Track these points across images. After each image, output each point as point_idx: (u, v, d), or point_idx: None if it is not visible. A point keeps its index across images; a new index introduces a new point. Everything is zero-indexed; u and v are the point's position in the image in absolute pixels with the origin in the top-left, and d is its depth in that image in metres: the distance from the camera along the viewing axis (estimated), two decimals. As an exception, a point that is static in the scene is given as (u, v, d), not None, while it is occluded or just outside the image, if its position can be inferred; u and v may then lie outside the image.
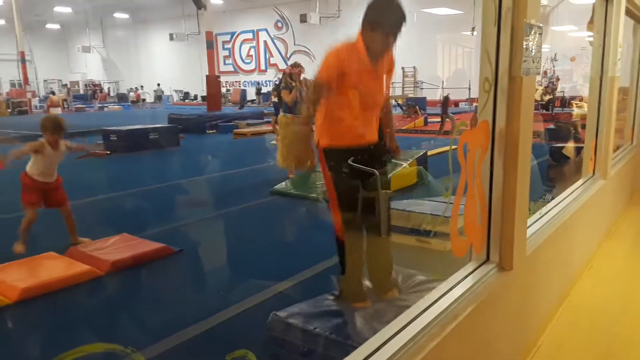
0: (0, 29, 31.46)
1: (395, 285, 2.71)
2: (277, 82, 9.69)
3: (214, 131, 14.52)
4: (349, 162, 2.44)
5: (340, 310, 2.64)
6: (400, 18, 2.43)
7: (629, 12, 4.24)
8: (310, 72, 7.03)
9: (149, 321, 3.12)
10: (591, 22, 3.97)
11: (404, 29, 2.44)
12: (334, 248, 3.90)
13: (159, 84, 31.43)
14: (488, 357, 2.11)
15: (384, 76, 2.55)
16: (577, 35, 17.56)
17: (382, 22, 2.39)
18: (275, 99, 8.83)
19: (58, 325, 3.12)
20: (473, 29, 17.16)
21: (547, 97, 16.20)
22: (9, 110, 23.98)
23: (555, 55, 18.16)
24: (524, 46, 1.97)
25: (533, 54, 2.06)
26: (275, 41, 29.30)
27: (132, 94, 29.73)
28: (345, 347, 2.11)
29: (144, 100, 28.95)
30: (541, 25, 2.13)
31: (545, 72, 17.52)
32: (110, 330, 2.93)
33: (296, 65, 7.00)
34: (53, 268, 3.75)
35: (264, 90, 26.88)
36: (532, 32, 2.02)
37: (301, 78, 6.81)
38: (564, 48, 18.28)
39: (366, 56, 2.40)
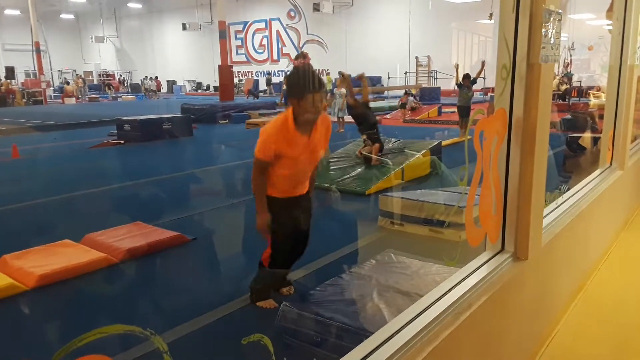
0: (15, 19, 31.73)
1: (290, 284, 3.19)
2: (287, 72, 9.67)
3: (227, 121, 14.55)
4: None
5: (352, 298, 2.65)
6: (319, 81, 2.63)
7: (649, -1, 4.13)
8: (322, 62, 7.02)
9: (164, 307, 3.16)
10: (610, 9, 3.88)
11: (322, 93, 2.65)
12: (345, 238, 3.94)
13: (154, 77, 31.43)
14: (502, 347, 2.10)
15: (320, 140, 2.80)
16: (595, 23, 17.24)
17: (303, 89, 2.57)
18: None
19: (75, 311, 3.17)
20: (491, 15, 16.90)
21: (564, 87, 15.95)
22: (24, 100, 24.25)
23: (573, 44, 17.84)
24: (543, 32, 1.93)
25: (552, 40, 2.02)
26: (288, 30, 29.18)
27: (150, 82, 29.88)
28: (358, 336, 2.11)
29: (154, 91, 29.07)
30: (560, 11, 2.09)
31: (567, 65, 17.26)
32: (127, 316, 2.97)
33: (300, 56, 6.94)
34: (69, 255, 3.80)
35: (275, 80, 26.82)
36: (551, 18, 1.98)
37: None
38: (581, 37, 17.96)
39: (295, 130, 2.64)
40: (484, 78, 18.98)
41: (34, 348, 2.67)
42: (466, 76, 9.80)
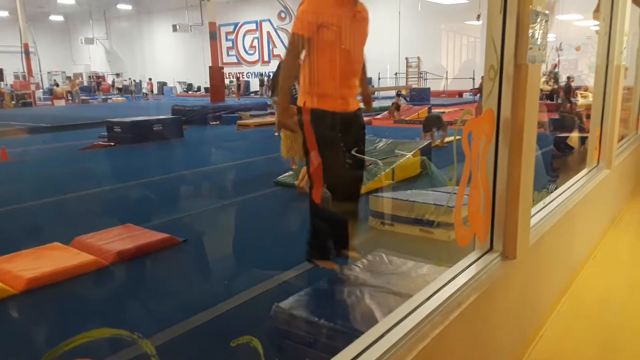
0: (3, 21, 31.42)
1: (354, 249, 2.68)
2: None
3: (218, 122, 14.52)
4: (353, 152, 2.41)
5: (343, 299, 2.65)
6: None
7: (635, 0, 4.19)
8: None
9: (154, 310, 3.15)
10: (597, 10, 3.93)
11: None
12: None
13: (149, 79, 31.28)
14: (491, 345, 2.12)
15: (362, 16, 2.45)
16: (582, 24, 17.41)
17: None
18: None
19: (64, 314, 3.14)
20: (479, 16, 17.02)
21: (548, 87, 16.09)
22: (13, 102, 24.02)
23: (561, 44, 18.01)
24: (530, 33, 1.95)
25: (539, 41, 2.04)
26: (279, 32, 29.17)
27: (145, 84, 29.79)
28: (349, 336, 2.12)
29: (145, 94, 28.95)
30: (547, 12, 2.11)
31: (555, 66, 17.40)
32: (116, 319, 2.95)
33: None
34: (58, 258, 3.77)
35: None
36: (538, 19, 2.01)
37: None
38: (569, 37, 18.13)
39: None
40: (473, 79, 19.15)
41: (21, 352, 2.65)
42: None
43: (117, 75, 30.48)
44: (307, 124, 2.35)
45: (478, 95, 18.10)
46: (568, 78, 13.98)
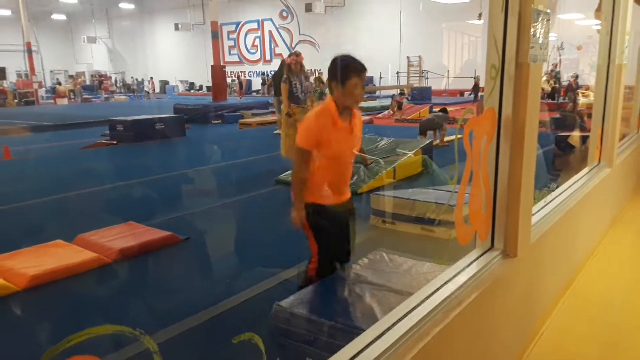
0: (6, 20, 31.46)
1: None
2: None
3: (220, 121, 14.53)
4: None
5: (344, 297, 2.66)
6: (361, 66, 2.57)
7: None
8: (314, 63, 7.03)
9: (156, 307, 3.16)
10: (599, 9, 3.93)
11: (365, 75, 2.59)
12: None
13: (150, 77, 31.27)
14: (492, 343, 2.13)
15: (357, 128, 2.72)
16: (584, 23, 17.36)
17: (348, 72, 2.52)
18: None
19: (67, 311, 3.16)
20: (480, 15, 17.00)
21: (548, 86, 16.06)
22: (16, 101, 24.07)
23: (562, 43, 17.97)
24: (531, 32, 1.95)
25: (540, 40, 2.04)
26: (280, 31, 29.17)
27: (147, 83, 29.84)
28: (350, 335, 2.12)
29: (147, 92, 28.99)
30: (549, 11, 2.11)
31: (555, 65, 17.37)
32: (119, 316, 2.96)
33: (293, 54, 6.93)
34: (61, 256, 3.79)
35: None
36: (540, 18, 2.01)
37: (300, 67, 6.73)
38: (570, 36, 18.09)
39: (337, 113, 2.57)
40: (474, 78, 19.13)
41: (24, 348, 2.66)
42: None
43: (151, 78, 30.60)
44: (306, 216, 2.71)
45: (471, 94, 18.10)
46: (574, 76, 13.92)
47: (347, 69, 2.54)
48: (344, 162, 2.72)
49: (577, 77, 14.52)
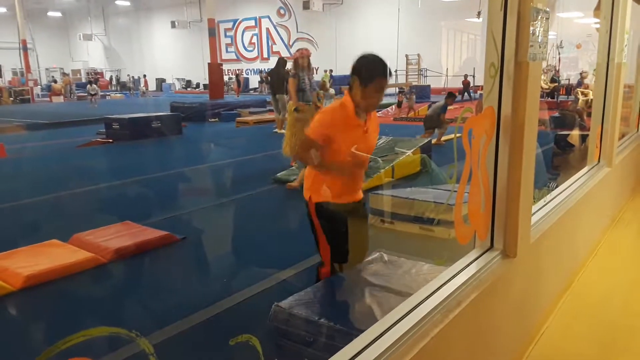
0: (1, 17, 31.36)
1: None
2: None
3: (217, 119, 14.49)
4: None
5: (343, 298, 2.64)
6: (386, 69, 2.49)
7: (636, -2, 4.18)
8: (312, 60, 6.98)
9: (152, 308, 3.13)
10: (598, 8, 3.91)
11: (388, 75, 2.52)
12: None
13: (143, 75, 31.13)
14: (491, 344, 2.11)
15: (372, 131, 2.67)
16: (583, 22, 17.39)
17: (374, 73, 2.45)
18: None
19: (63, 312, 3.13)
20: (479, 13, 16.99)
21: (545, 82, 16.05)
22: (11, 98, 23.98)
23: (561, 42, 17.99)
24: (531, 31, 1.94)
25: (540, 39, 2.02)
26: (278, 28, 29.12)
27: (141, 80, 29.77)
28: (349, 336, 2.11)
29: (144, 91, 28.91)
30: (548, 9, 2.09)
31: (557, 71, 17.37)
32: (114, 317, 2.94)
33: (303, 49, 6.85)
34: (56, 256, 3.76)
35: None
36: (539, 17, 1.99)
37: (307, 62, 6.64)
38: (569, 35, 18.10)
39: (354, 113, 2.50)
40: (474, 76, 19.12)
41: (19, 350, 2.64)
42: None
43: (144, 75, 30.45)
44: (314, 215, 2.63)
45: (461, 95, 18.04)
46: (580, 74, 13.87)
47: (374, 72, 2.45)
48: (356, 164, 2.60)
49: (581, 74, 14.44)
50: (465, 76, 18.75)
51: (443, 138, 8.85)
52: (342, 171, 2.57)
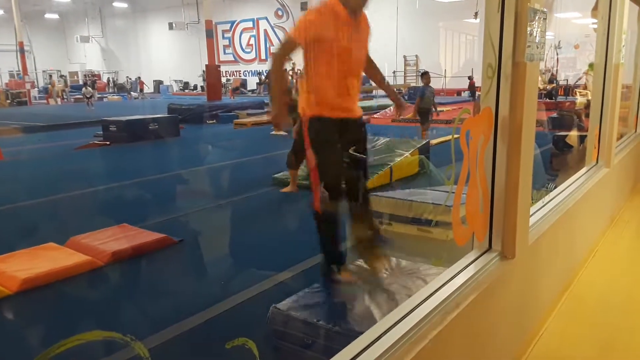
0: (-2, 19, 31.28)
1: (383, 255, 2.69)
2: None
3: (214, 121, 14.47)
4: (350, 151, 2.41)
5: (341, 300, 2.63)
6: None
7: (633, -2, 4.18)
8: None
9: (149, 311, 3.12)
10: (595, 8, 3.92)
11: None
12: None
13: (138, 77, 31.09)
14: (489, 346, 2.10)
15: (364, 31, 2.51)
16: (581, 22, 17.42)
17: None
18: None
19: (58, 316, 3.11)
20: (476, 14, 17.03)
21: (549, 85, 16.09)
22: (8, 101, 23.92)
23: (559, 42, 18.02)
24: (528, 31, 1.93)
25: (537, 39, 2.02)
26: (276, 30, 29.10)
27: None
28: (347, 338, 2.10)
29: (141, 91, 28.86)
30: (545, 10, 2.09)
31: (553, 75, 17.40)
32: (110, 321, 2.92)
33: None
34: (53, 259, 3.74)
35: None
36: (536, 17, 1.98)
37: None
38: (567, 35, 18.14)
39: (345, 12, 2.34)
40: (471, 77, 19.15)
41: (15, 354, 2.62)
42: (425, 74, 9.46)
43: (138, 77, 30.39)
44: (306, 130, 2.42)
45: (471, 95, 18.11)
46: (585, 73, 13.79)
47: None
48: (349, 67, 2.41)
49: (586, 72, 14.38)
50: (470, 77, 18.85)
51: (442, 139, 8.82)
52: (276, 104, 2.38)
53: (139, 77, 31.03)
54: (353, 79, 2.47)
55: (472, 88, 18.59)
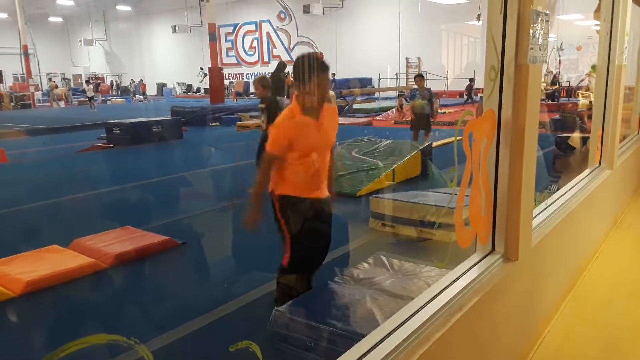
0: (2, 22, 31.41)
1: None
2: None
3: (217, 124, 14.49)
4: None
5: (344, 302, 2.63)
6: (323, 64, 2.59)
7: (636, 0, 4.18)
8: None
9: (153, 314, 3.12)
10: (598, 10, 3.91)
11: (330, 75, 2.64)
12: (336, 240, 3.87)
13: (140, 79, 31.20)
14: (493, 348, 2.10)
15: (330, 126, 2.73)
16: (583, 24, 17.38)
17: (307, 72, 2.54)
18: None
19: (63, 318, 3.12)
20: (479, 16, 17.00)
21: (551, 87, 16.05)
22: (12, 104, 24.00)
23: (562, 44, 17.99)
24: (531, 33, 1.93)
25: (540, 41, 2.02)
26: (278, 32, 29.15)
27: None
28: (349, 340, 2.10)
29: (144, 94, 28.92)
30: (548, 12, 2.09)
31: (555, 76, 17.36)
32: (114, 323, 2.93)
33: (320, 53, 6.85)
34: (57, 261, 3.75)
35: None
36: (539, 19, 1.98)
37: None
38: (570, 37, 18.10)
39: (302, 114, 2.59)
40: (474, 79, 19.11)
41: (19, 356, 2.62)
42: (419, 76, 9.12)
43: (140, 80, 30.47)
44: (277, 208, 2.70)
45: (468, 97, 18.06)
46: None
47: (308, 67, 2.52)
48: (317, 159, 2.67)
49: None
50: (470, 80, 18.83)
51: (444, 141, 8.81)
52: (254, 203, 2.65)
53: (142, 80, 31.11)
54: (322, 165, 2.72)
55: (469, 90, 18.56)
